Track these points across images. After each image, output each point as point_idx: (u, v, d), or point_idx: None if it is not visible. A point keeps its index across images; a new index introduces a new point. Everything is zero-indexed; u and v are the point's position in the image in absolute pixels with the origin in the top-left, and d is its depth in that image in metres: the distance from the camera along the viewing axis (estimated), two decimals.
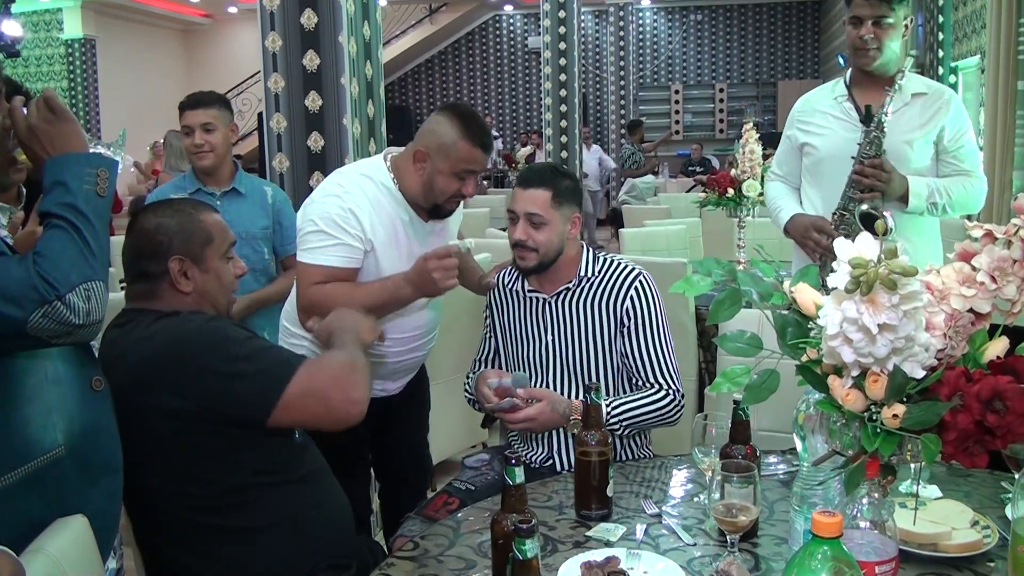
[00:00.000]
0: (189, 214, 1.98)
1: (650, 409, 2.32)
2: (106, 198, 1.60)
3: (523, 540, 1.21)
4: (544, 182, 2.36)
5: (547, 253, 2.36)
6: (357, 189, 2.39)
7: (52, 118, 1.59)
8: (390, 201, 2.41)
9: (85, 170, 1.57)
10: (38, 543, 1.46)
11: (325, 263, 2.34)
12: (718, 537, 1.76)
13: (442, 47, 19.37)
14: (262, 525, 1.89)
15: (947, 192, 2.75)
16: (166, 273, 1.92)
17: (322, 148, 3.55)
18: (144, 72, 17.05)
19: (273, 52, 3.51)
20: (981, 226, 1.37)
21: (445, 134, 2.37)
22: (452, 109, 2.43)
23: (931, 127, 2.78)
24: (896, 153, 2.74)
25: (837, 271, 1.18)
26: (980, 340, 1.29)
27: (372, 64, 3.76)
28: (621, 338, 2.37)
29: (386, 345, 2.45)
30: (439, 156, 2.37)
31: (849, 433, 1.26)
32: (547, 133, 11.41)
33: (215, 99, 3.41)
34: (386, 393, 2.60)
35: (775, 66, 18.52)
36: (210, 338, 1.85)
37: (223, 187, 3.35)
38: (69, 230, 1.52)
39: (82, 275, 1.50)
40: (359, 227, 2.34)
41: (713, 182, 4.93)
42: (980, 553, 1.62)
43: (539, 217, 2.34)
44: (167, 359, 1.81)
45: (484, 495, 2.21)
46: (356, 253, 2.35)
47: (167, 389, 1.79)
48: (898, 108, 2.77)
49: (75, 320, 1.48)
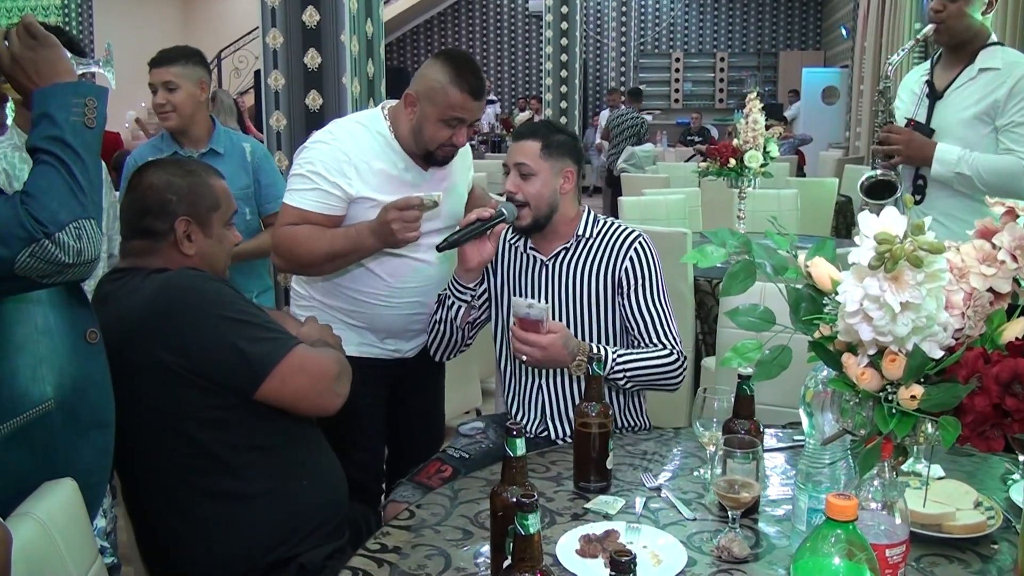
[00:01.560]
0: (200, 176, 1.95)
1: (656, 365, 2.27)
2: (95, 129, 1.53)
3: (526, 515, 1.18)
4: (535, 134, 2.34)
5: (539, 207, 2.32)
6: (347, 136, 2.37)
7: (35, 44, 1.52)
8: (384, 149, 2.39)
9: (72, 100, 1.50)
10: (26, 506, 1.42)
11: (300, 206, 2.35)
12: (718, 512, 1.74)
13: (441, 8, 19.16)
14: (252, 492, 1.87)
15: (979, 166, 2.71)
16: (170, 232, 1.89)
17: (320, 107, 3.50)
18: (141, 29, 16.78)
19: (272, 7, 3.45)
20: (1003, 203, 1.32)
21: (435, 78, 2.33)
22: (445, 54, 2.39)
23: (985, 102, 2.75)
24: (949, 129, 2.75)
25: (860, 245, 1.14)
26: (998, 320, 1.25)
27: (373, 21, 3.69)
28: (620, 300, 2.33)
29: (398, 295, 2.44)
30: (427, 101, 2.33)
31: (862, 413, 1.22)
32: (546, 98, 11.33)
33: (179, 55, 3.20)
34: (399, 355, 2.57)
35: (776, 36, 18.37)
36: (212, 297, 1.82)
37: (200, 148, 3.19)
38: (56, 165, 1.45)
39: (71, 213, 1.44)
40: (341, 175, 2.33)
41: (714, 152, 4.89)
42: (984, 535, 1.60)
43: (527, 167, 2.30)
44: (163, 313, 1.78)
45: (478, 463, 2.19)
46: (333, 200, 2.34)
47: (160, 343, 1.76)
48: (963, 83, 2.77)
49: (65, 259, 1.43)
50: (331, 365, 1.90)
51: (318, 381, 1.86)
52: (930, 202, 2.84)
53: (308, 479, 1.93)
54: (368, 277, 2.44)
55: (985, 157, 2.72)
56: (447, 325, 2.44)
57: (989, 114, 2.74)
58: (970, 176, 2.69)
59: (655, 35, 18.75)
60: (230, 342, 1.78)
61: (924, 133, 2.82)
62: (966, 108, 2.76)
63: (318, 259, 2.34)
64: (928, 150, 2.72)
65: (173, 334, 1.77)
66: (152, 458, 1.85)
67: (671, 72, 18.46)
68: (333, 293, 2.50)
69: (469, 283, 2.39)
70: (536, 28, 18.32)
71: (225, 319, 1.80)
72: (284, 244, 2.36)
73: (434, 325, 2.47)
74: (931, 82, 2.87)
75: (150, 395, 1.79)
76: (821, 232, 6.60)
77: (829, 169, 9.64)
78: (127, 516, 1.99)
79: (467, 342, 2.51)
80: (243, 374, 1.79)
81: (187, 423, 1.81)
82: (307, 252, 2.33)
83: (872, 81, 10.76)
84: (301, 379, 1.83)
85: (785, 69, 17.26)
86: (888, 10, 10.07)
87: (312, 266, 2.39)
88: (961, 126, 2.77)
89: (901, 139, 2.75)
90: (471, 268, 2.35)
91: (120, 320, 1.78)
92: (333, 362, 1.91)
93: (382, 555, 1.59)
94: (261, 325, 1.84)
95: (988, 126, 2.75)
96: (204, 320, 1.79)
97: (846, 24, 14.27)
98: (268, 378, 1.79)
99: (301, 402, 1.87)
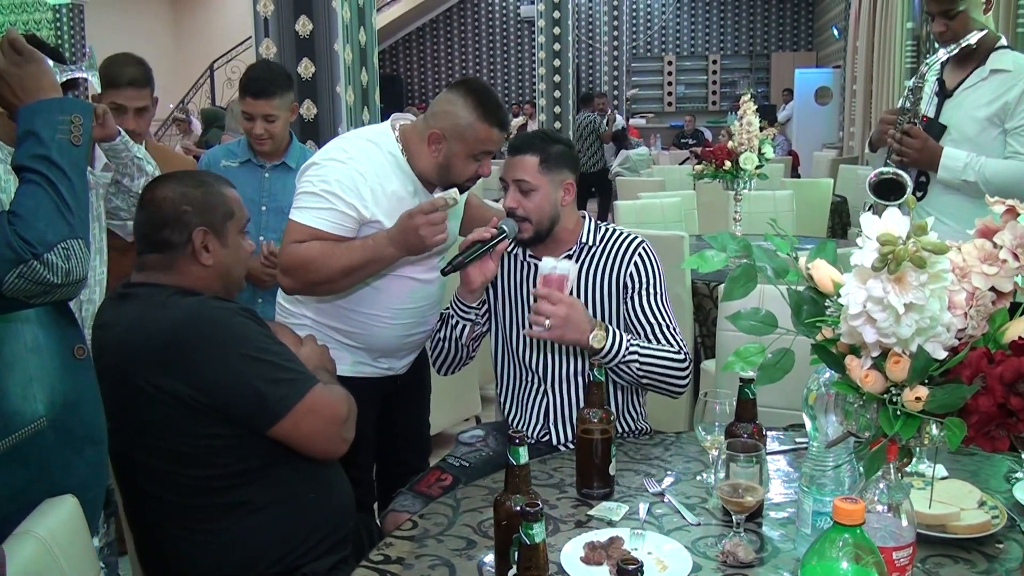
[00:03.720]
0: (213, 186, 1.94)
1: (665, 360, 2.23)
2: (81, 147, 1.52)
3: (531, 524, 1.17)
4: (532, 147, 2.30)
5: (540, 221, 2.30)
6: (362, 155, 2.32)
7: (19, 60, 1.51)
8: (396, 170, 2.35)
9: (57, 117, 1.49)
10: (27, 524, 1.41)
11: (312, 225, 2.26)
12: (722, 516, 1.73)
13: (433, 15, 19.16)
14: (260, 504, 1.86)
15: (985, 172, 2.71)
16: (187, 243, 1.87)
17: (315, 116, 3.49)
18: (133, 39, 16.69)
19: (265, 17, 3.44)
20: (1003, 201, 1.32)
21: (461, 116, 2.29)
22: (466, 87, 2.34)
23: (996, 104, 2.75)
24: (959, 128, 2.77)
25: (863, 247, 1.14)
26: (1001, 320, 1.25)
27: (366, 30, 3.69)
28: (624, 306, 2.32)
29: (398, 316, 2.41)
30: (455, 139, 2.30)
31: (866, 415, 1.22)
32: (540, 104, 11.35)
33: (277, 86, 3.13)
34: (392, 372, 2.55)
35: (768, 38, 18.39)
36: (237, 333, 1.81)
37: (273, 161, 3.20)
38: (44, 185, 1.44)
39: (59, 233, 1.43)
40: (357, 195, 2.27)
41: (709, 154, 4.89)
42: (988, 534, 1.60)
43: (527, 183, 2.28)
44: (184, 345, 1.76)
45: (478, 472, 2.18)
46: (347, 221, 2.27)
47: (178, 375, 1.75)
48: (975, 83, 2.78)
49: (54, 280, 1.42)
50: (342, 407, 1.88)
51: (329, 425, 1.84)
52: (932, 199, 2.84)
53: (315, 491, 1.92)
54: (367, 297, 2.40)
55: (991, 162, 2.72)
56: (451, 343, 2.41)
57: (1000, 116, 2.74)
58: (976, 183, 2.69)
59: (647, 38, 18.77)
60: (248, 382, 1.77)
61: (937, 130, 2.82)
62: (977, 108, 2.77)
63: (335, 275, 2.26)
64: (936, 156, 2.73)
65: (193, 368, 1.75)
66: (158, 473, 1.83)
67: (664, 75, 18.48)
68: (328, 312, 2.45)
69: (472, 303, 2.36)
70: (528, 34, 18.34)
71: (246, 357, 1.78)
72: (296, 262, 2.26)
73: (438, 343, 2.45)
74: (941, 80, 2.87)
75: (160, 418, 1.77)
76: (817, 233, 6.61)
77: (823, 170, 9.66)
78: (126, 530, 1.98)
79: (471, 356, 2.49)
80: (258, 414, 1.78)
81: (197, 444, 1.80)
82: (323, 268, 2.25)
83: (865, 80, 10.78)
84: (314, 422, 1.81)
85: (777, 70, 17.28)
86: (880, 10, 10.09)
87: (328, 283, 2.30)
88: (971, 127, 2.77)
89: (916, 144, 2.75)
90: (474, 288, 2.31)
91: (137, 342, 1.77)
92: (343, 403, 1.89)
93: (385, 566, 1.58)
94: (280, 365, 1.82)
95: (998, 128, 2.76)
96: (225, 357, 1.77)
97: (838, 24, 14.31)
98: (282, 420, 1.78)
99: (310, 445, 1.85)
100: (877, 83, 10.08)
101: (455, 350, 2.42)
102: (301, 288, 2.37)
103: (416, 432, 2.82)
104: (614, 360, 2.19)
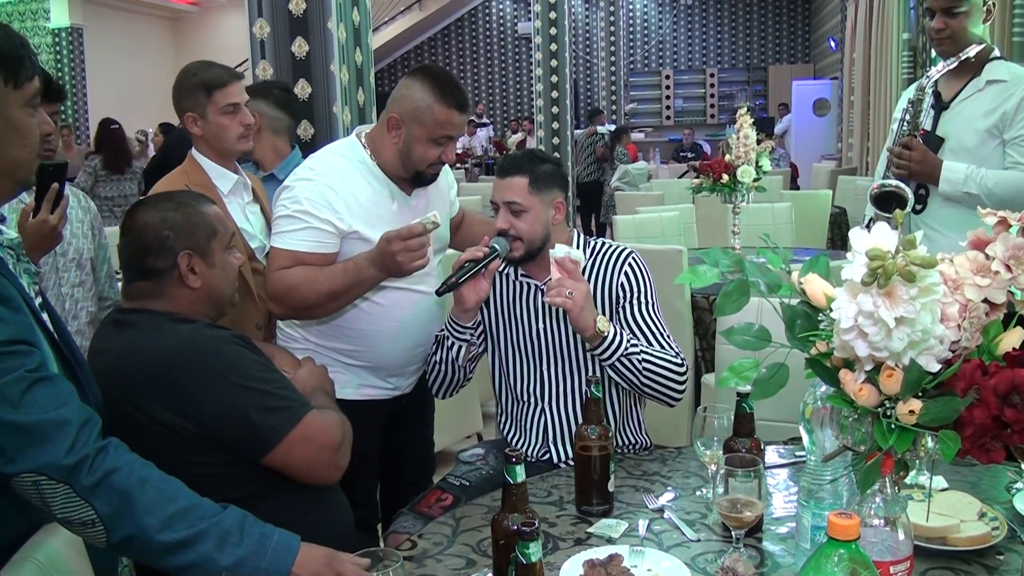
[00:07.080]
0: (191, 206, 1.92)
1: (664, 363, 2.22)
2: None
3: (527, 543, 1.17)
4: (521, 169, 2.29)
5: (532, 241, 2.30)
6: (329, 169, 2.31)
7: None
8: (368, 178, 2.34)
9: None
10: (26, 551, 1.41)
11: (292, 248, 2.26)
12: (722, 532, 1.73)
13: (431, 33, 19.28)
14: None
15: (987, 183, 2.71)
16: (173, 269, 1.86)
17: (312, 136, 3.50)
18: (132, 61, 16.90)
19: (261, 39, 3.46)
20: (995, 213, 1.32)
21: (418, 98, 2.28)
22: (423, 71, 2.33)
23: (995, 115, 2.75)
24: (958, 140, 2.76)
25: (852, 262, 1.14)
26: (994, 331, 1.25)
27: (362, 50, 3.70)
28: (617, 316, 2.32)
29: (403, 328, 2.40)
30: (414, 122, 2.29)
31: (861, 429, 1.22)
32: (538, 119, 11.38)
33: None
34: (399, 392, 2.54)
35: (765, 50, 18.48)
36: (230, 362, 1.80)
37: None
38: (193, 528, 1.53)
39: (109, 511, 1.45)
40: (331, 210, 2.26)
41: (707, 168, 4.90)
42: (989, 546, 1.59)
43: (518, 205, 2.27)
44: (176, 375, 1.75)
45: (478, 491, 2.17)
46: (325, 238, 2.27)
47: (170, 405, 1.74)
48: (971, 94, 2.78)
49: (35, 501, 1.42)
50: (336, 434, 1.86)
51: (322, 452, 1.83)
52: (932, 211, 2.84)
53: (314, 514, 1.92)
54: (371, 313, 2.39)
55: (992, 173, 2.71)
56: (447, 365, 2.40)
57: (998, 127, 2.74)
58: (977, 195, 2.68)
59: (644, 53, 18.86)
60: (240, 411, 1.76)
61: (934, 143, 2.82)
62: (975, 119, 2.76)
63: (319, 299, 2.26)
64: (936, 169, 2.72)
65: (185, 398, 1.74)
66: None
67: (662, 89, 18.56)
68: (330, 334, 2.43)
69: (467, 323, 2.34)
70: (526, 50, 18.43)
71: (238, 387, 1.77)
72: (280, 289, 2.27)
73: (434, 366, 2.43)
74: (937, 92, 2.87)
75: (153, 446, 1.75)
76: (817, 244, 6.61)
77: (822, 181, 9.68)
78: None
79: (468, 377, 2.47)
80: (251, 443, 1.77)
81: (191, 473, 1.78)
82: (307, 294, 2.25)
83: (862, 91, 10.82)
84: (307, 450, 1.80)
85: (775, 82, 17.35)
86: (876, 21, 10.12)
87: (314, 308, 2.30)
88: (970, 138, 2.77)
89: (916, 156, 2.74)
90: (468, 307, 2.30)
91: (130, 369, 1.76)
92: (337, 430, 1.88)
93: None
94: (273, 393, 1.81)
95: (996, 139, 2.76)
96: (218, 387, 1.76)
97: (834, 36, 14.36)
98: (275, 449, 1.77)
99: (303, 473, 1.84)
100: (875, 94, 10.11)
101: (452, 372, 2.42)
102: (290, 314, 2.38)
103: (420, 451, 2.80)
104: (618, 351, 2.17)
